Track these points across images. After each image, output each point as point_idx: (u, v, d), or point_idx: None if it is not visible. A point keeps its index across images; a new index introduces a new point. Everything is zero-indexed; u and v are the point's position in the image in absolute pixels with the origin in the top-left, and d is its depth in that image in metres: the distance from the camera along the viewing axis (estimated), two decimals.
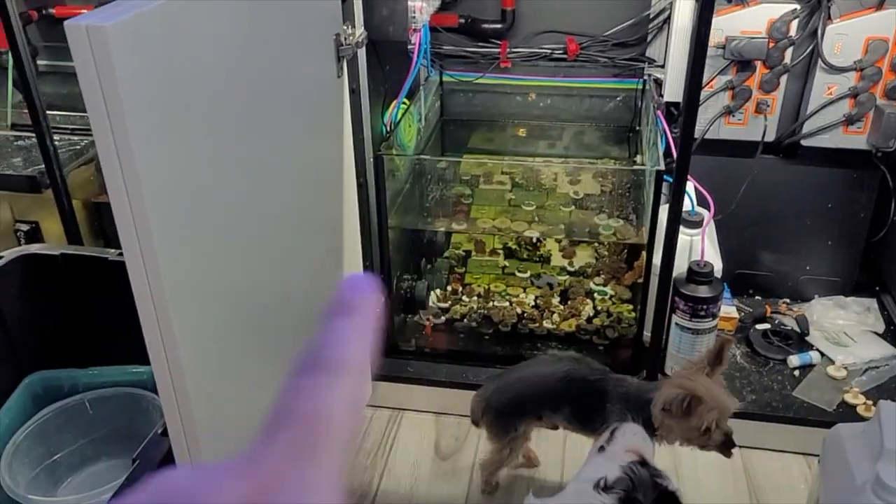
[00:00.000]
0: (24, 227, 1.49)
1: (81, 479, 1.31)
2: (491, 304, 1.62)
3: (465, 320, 1.61)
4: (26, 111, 1.36)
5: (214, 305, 0.90)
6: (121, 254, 1.34)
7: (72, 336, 1.38)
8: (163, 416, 1.02)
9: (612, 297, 1.65)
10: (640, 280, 1.47)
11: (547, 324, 1.59)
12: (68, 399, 1.31)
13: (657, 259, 1.39)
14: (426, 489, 1.35)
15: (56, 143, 1.41)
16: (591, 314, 1.62)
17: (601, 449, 0.97)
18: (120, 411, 1.33)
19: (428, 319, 1.60)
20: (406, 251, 1.63)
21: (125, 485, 0.91)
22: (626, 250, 1.66)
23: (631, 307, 1.62)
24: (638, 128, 1.72)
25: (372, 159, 1.40)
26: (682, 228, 1.38)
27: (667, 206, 1.33)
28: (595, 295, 1.66)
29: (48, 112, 1.38)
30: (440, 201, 1.61)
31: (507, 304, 1.62)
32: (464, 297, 1.65)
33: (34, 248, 1.34)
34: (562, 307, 1.63)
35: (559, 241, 1.70)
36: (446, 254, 1.75)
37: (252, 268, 0.99)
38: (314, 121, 1.18)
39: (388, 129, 1.47)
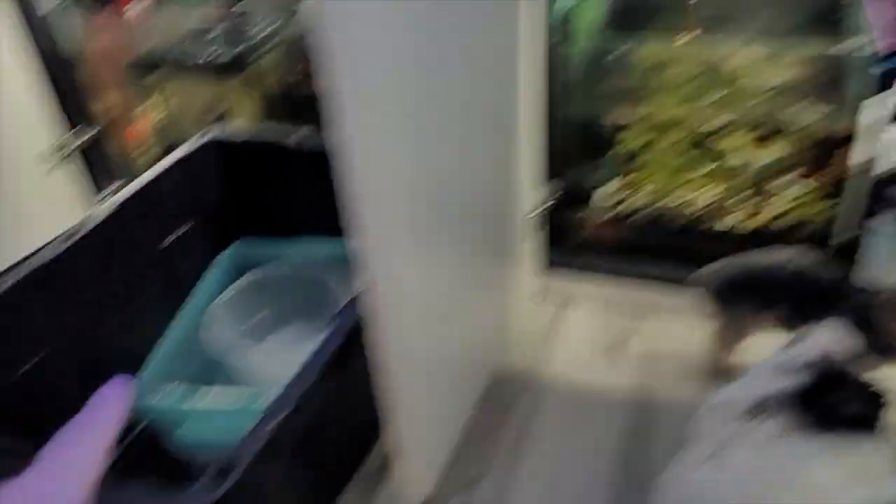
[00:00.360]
0: (221, 109, 1.60)
1: (272, 344, 1.44)
2: (666, 199, 1.56)
3: (638, 214, 1.56)
4: None
5: (401, 187, 0.93)
6: (308, 136, 1.41)
7: (267, 212, 1.49)
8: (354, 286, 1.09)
9: (802, 196, 1.53)
10: (838, 179, 1.35)
11: (727, 222, 1.51)
12: (264, 268, 1.43)
13: (859, 155, 1.26)
14: (590, 379, 1.37)
15: (247, 29, 1.48)
16: (777, 214, 1.51)
17: (790, 344, 0.92)
18: (308, 284, 1.44)
19: (599, 211, 1.57)
20: (579, 141, 1.59)
21: (325, 341, 0.98)
22: (824, 145, 1.51)
23: (823, 208, 1.49)
24: (846, 7, 1.53)
25: (547, 46, 1.35)
26: (893, 122, 1.24)
27: (876, 96, 1.20)
28: (783, 194, 1.54)
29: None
30: (617, 90, 1.54)
31: (684, 199, 1.55)
32: (637, 192, 1.60)
33: (233, 127, 1.45)
34: (745, 205, 1.53)
35: (747, 134, 1.58)
36: (619, 146, 1.69)
37: (434, 154, 1.02)
38: (490, 7, 1.16)
39: (565, 15, 1.41)
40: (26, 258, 1.13)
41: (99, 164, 1.88)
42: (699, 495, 0.75)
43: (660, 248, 1.52)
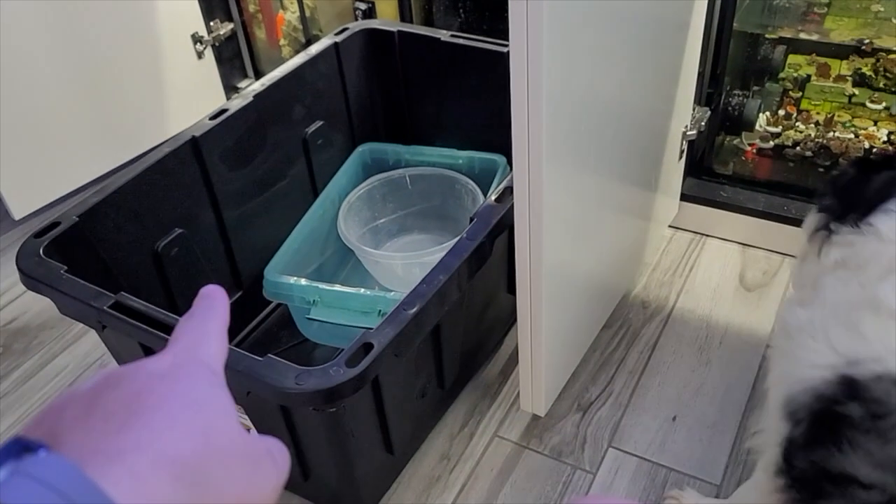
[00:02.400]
0: (362, 7, 1.56)
1: (398, 246, 1.43)
2: (832, 134, 1.42)
3: (799, 148, 1.43)
4: None
5: (571, 106, 0.89)
6: (453, 35, 1.35)
7: (399, 113, 1.46)
8: (497, 188, 1.05)
9: None
10: None
11: None
12: (392, 172, 1.41)
13: None
14: (726, 316, 1.29)
15: None
16: None
17: None
18: (435, 190, 1.41)
19: (752, 144, 1.45)
20: (739, 65, 1.46)
21: (461, 244, 0.95)
22: None
23: None
24: None
25: None
26: None
27: None
28: None
29: None
30: (788, 8, 1.40)
31: (853, 136, 1.41)
32: (799, 124, 1.46)
33: (374, 24, 1.40)
34: None
35: None
36: (781, 75, 1.55)
37: (608, 74, 0.97)
38: None
39: None
40: (173, 137, 1.14)
41: (234, 58, 1.90)
42: (803, 325, 0.76)
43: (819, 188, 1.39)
